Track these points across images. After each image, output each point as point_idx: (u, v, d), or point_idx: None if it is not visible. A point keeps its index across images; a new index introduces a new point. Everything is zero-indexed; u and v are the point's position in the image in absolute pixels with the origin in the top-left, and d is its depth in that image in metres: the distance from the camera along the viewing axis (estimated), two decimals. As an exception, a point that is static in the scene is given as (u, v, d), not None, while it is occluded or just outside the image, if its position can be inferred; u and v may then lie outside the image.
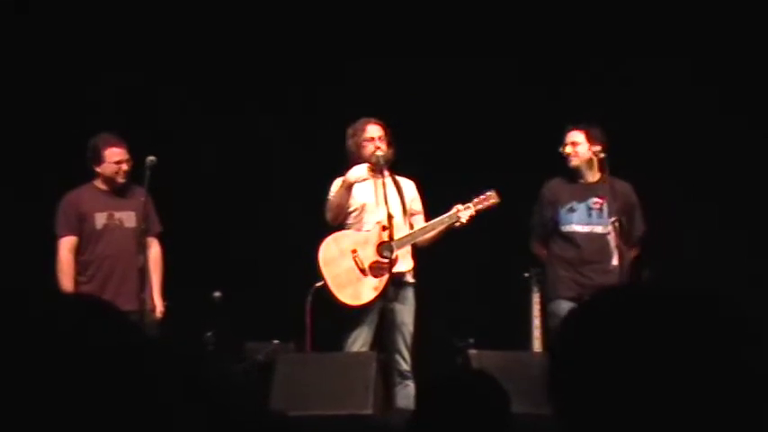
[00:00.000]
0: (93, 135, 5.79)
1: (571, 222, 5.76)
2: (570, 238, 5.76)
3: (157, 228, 5.89)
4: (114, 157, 5.71)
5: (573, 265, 5.74)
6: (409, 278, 5.58)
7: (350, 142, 5.67)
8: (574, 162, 5.78)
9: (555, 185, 5.88)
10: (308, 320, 5.48)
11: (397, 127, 5.76)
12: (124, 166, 5.72)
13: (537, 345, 5.93)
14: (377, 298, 5.43)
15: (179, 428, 1.04)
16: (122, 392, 0.98)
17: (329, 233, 5.60)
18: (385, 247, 5.42)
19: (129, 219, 5.77)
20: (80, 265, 5.75)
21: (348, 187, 5.54)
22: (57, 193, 5.86)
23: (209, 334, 5.98)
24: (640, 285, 1.14)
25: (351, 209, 5.62)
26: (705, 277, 6.14)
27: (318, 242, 5.56)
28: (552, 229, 5.84)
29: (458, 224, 5.54)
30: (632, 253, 5.85)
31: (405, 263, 5.52)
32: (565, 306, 5.69)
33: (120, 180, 5.74)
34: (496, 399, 2.54)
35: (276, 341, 5.97)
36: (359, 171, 5.55)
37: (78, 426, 0.95)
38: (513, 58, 6.91)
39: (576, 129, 5.78)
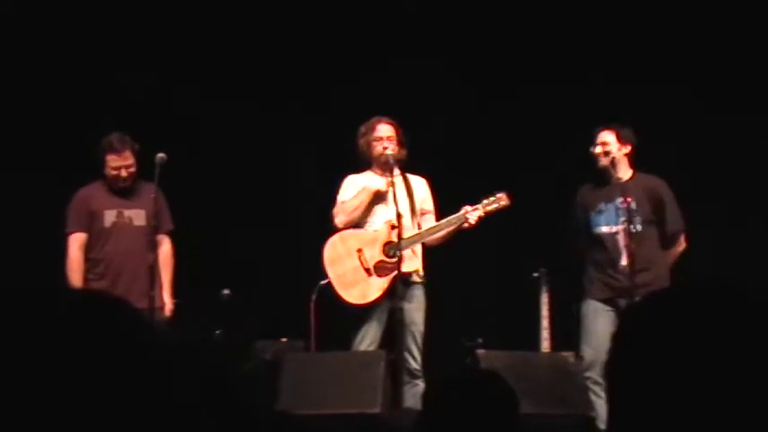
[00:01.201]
0: (105, 132, 5.79)
1: (600, 224, 5.76)
2: (600, 239, 5.75)
3: (168, 225, 5.89)
4: (112, 163, 5.71)
5: (603, 267, 5.72)
6: (416, 278, 5.56)
7: (361, 141, 5.68)
8: (603, 162, 5.76)
9: (586, 190, 5.88)
10: (312, 318, 5.48)
11: (411, 126, 5.76)
12: (122, 173, 5.72)
13: (545, 345, 5.93)
14: (382, 297, 5.42)
15: (194, 427, 1.04)
16: (137, 390, 0.98)
17: (335, 231, 5.60)
18: (391, 247, 5.41)
19: (138, 217, 5.78)
20: (89, 263, 5.75)
21: (370, 195, 5.53)
22: (68, 191, 5.88)
23: (217, 332, 5.99)
24: (700, 282, 1.12)
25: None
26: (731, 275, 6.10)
27: (327, 240, 5.55)
28: (586, 234, 5.83)
29: (466, 225, 5.52)
30: (676, 249, 5.81)
31: (411, 263, 5.50)
32: (594, 307, 5.69)
33: (121, 184, 5.74)
34: (505, 399, 2.54)
35: (284, 340, 5.98)
36: (379, 184, 5.55)
37: (93, 425, 0.95)
38: (529, 58, 6.91)
39: (607, 129, 5.76)
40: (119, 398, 0.97)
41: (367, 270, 5.46)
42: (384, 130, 5.64)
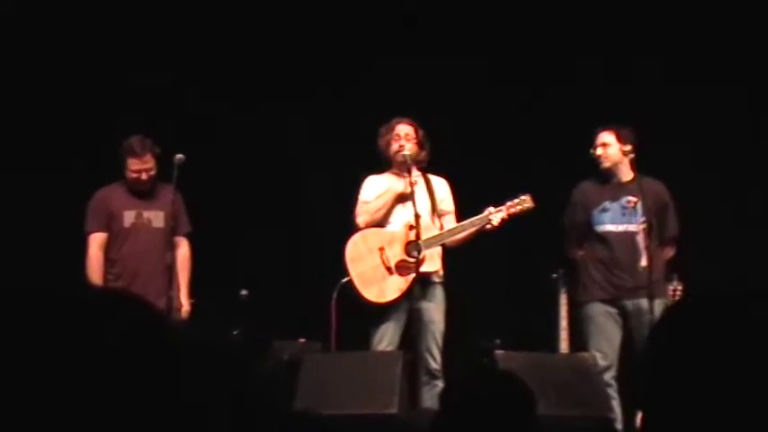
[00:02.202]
0: (124, 132, 5.81)
1: (604, 222, 5.74)
2: (604, 238, 5.73)
3: (186, 228, 5.90)
4: (133, 167, 5.74)
5: (606, 266, 5.70)
6: (435, 278, 5.56)
7: (380, 141, 5.69)
8: (605, 164, 5.76)
9: (586, 187, 5.86)
10: (333, 315, 5.48)
11: (431, 126, 5.75)
12: (143, 176, 5.74)
13: (564, 346, 5.91)
14: (400, 298, 5.41)
15: (210, 427, 1.04)
16: (153, 387, 0.98)
17: (356, 231, 5.61)
18: (413, 247, 5.40)
19: (157, 218, 5.80)
20: (107, 263, 5.78)
21: (393, 197, 5.53)
22: (88, 191, 5.91)
23: (235, 332, 6.00)
24: (737, 288, 1.11)
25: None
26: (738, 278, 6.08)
27: (345, 240, 5.56)
28: (586, 232, 5.81)
29: (488, 227, 5.51)
30: (667, 253, 5.81)
31: (432, 263, 5.49)
32: (599, 309, 5.67)
33: (141, 187, 5.77)
34: (523, 399, 2.53)
35: (302, 340, 5.98)
36: (401, 186, 5.54)
37: (110, 423, 0.95)
38: (550, 56, 6.91)
39: (606, 130, 5.76)
40: (135, 394, 0.96)
41: (388, 269, 5.46)
42: (402, 129, 5.64)
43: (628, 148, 5.71)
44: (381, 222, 5.60)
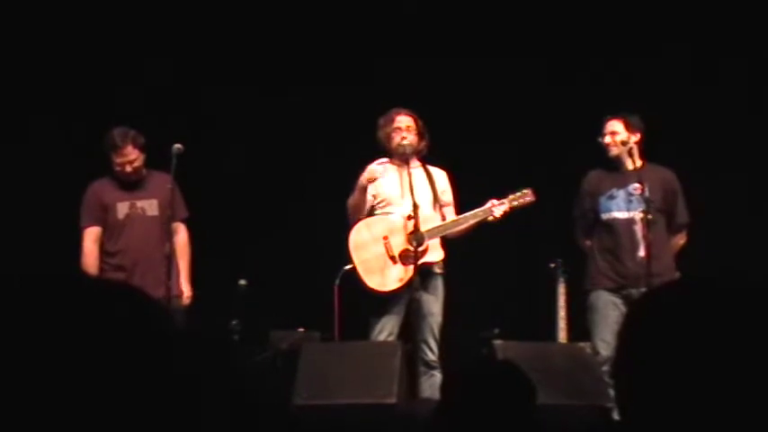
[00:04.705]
0: (128, 123, 5.80)
1: (611, 210, 5.74)
2: (611, 225, 5.73)
3: (183, 213, 5.89)
4: (116, 159, 5.72)
5: (612, 253, 5.70)
6: (437, 269, 5.56)
7: (380, 133, 5.67)
8: (613, 151, 5.76)
9: (594, 176, 5.87)
10: (335, 302, 5.48)
11: (433, 120, 5.74)
12: (127, 168, 5.72)
13: (562, 335, 5.92)
14: (401, 288, 5.41)
15: (205, 420, 1.04)
16: (151, 381, 0.98)
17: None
18: (416, 237, 5.39)
19: (151, 207, 5.78)
20: (105, 255, 5.78)
21: (362, 189, 5.53)
22: (84, 184, 5.91)
23: (234, 322, 6.01)
24: (712, 276, 1.11)
25: (378, 200, 5.61)
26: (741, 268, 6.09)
27: (345, 230, 5.55)
28: (594, 220, 5.82)
29: (490, 218, 5.51)
30: (678, 241, 5.82)
31: (434, 254, 5.49)
32: (604, 298, 5.67)
33: (128, 179, 5.75)
34: (522, 389, 2.54)
35: (301, 329, 5.98)
36: (373, 169, 5.51)
37: (104, 415, 0.95)
38: (548, 48, 6.91)
39: (615, 118, 5.77)
40: (131, 384, 0.96)
41: (392, 258, 5.45)
42: (402, 120, 5.63)
43: (637, 136, 5.72)
44: (379, 211, 5.59)
